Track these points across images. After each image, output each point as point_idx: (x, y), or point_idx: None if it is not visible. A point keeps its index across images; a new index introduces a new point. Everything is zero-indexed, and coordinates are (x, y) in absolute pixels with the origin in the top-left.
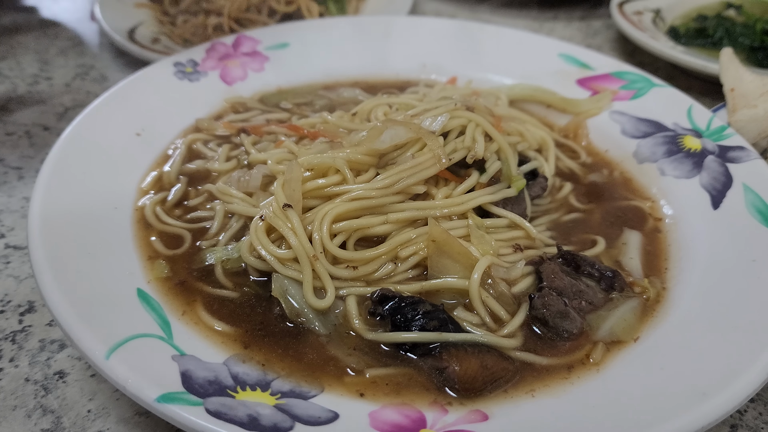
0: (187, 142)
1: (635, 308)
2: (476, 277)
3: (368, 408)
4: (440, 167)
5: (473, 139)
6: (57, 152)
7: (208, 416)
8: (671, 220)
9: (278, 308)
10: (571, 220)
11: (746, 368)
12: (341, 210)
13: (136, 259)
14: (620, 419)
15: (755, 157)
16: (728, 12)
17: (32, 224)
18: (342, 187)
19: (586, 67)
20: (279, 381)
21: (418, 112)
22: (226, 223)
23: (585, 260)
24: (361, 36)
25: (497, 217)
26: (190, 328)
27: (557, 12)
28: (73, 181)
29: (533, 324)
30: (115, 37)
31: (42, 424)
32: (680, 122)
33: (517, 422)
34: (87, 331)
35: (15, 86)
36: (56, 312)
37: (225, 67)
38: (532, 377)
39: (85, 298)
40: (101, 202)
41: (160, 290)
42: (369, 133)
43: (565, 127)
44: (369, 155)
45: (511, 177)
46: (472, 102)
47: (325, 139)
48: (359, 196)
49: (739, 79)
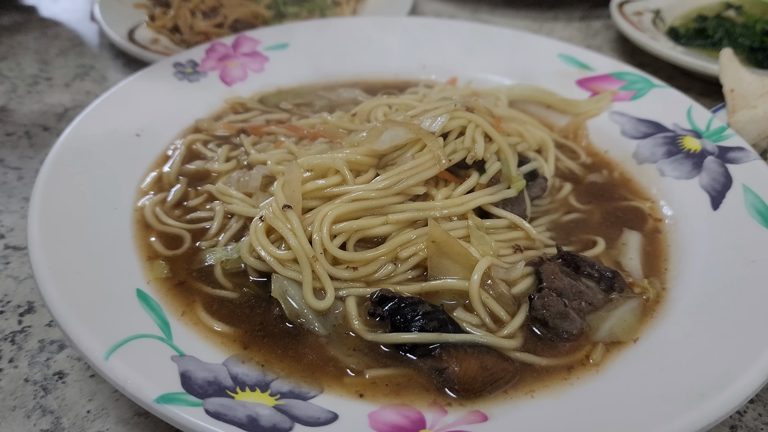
0: (187, 143)
1: (635, 309)
2: (476, 278)
3: (368, 409)
4: (440, 168)
5: (473, 140)
6: (57, 153)
7: (208, 417)
8: (671, 220)
9: (278, 309)
10: (571, 220)
11: (745, 369)
12: (341, 211)
13: (135, 260)
14: (620, 420)
15: (755, 158)
16: (728, 13)
17: (32, 225)
18: (342, 188)
19: (585, 67)
20: (278, 382)
21: (418, 113)
22: (225, 223)
23: (585, 261)
24: (360, 36)
25: (497, 218)
26: (189, 329)
27: (557, 12)
28: (72, 181)
29: (533, 325)
30: (114, 38)
31: (41, 424)
32: (680, 123)
33: (516, 423)
34: (86, 331)
35: (15, 86)
36: (56, 312)
37: (225, 68)
38: (532, 378)
39: (84, 299)
40: (101, 202)
41: (159, 291)
42: (369, 133)
43: (565, 127)
44: (369, 156)
45: (510, 178)
46: (472, 102)
47: (325, 140)
48: (359, 197)
49: (739, 80)
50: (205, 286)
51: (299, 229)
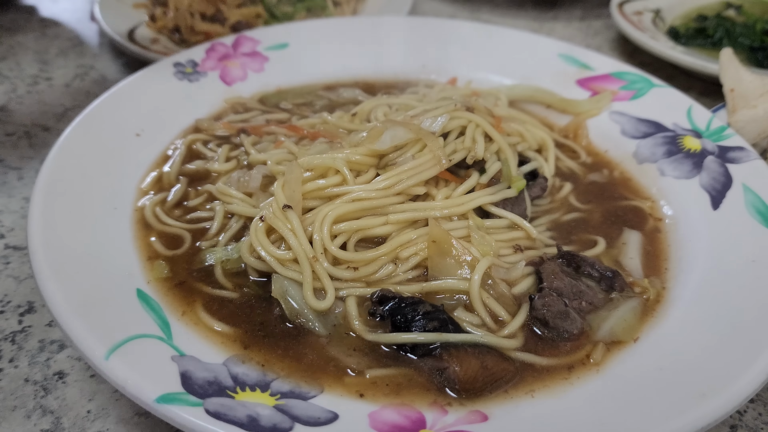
0: (187, 143)
1: (635, 308)
2: (477, 278)
3: (368, 408)
4: (441, 168)
5: (473, 140)
6: (57, 153)
7: (208, 417)
8: (671, 220)
9: (278, 309)
10: (571, 220)
11: (746, 369)
12: (341, 211)
13: (135, 260)
14: (620, 420)
15: (755, 158)
16: (728, 12)
17: (32, 225)
18: (342, 188)
19: (585, 67)
20: (279, 381)
21: (418, 113)
22: (225, 223)
23: (585, 261)
24: (360, 36)
25: (497, 218)
26: (189, 329)
27: (557, 12)
28: (72, 181)
29: (533, 325)
30: (114, 38)
31: (41, 424)
32: (680, 122)
33: (516, 423)
34: (87, 331)
35: (15, 86)
36: (56, 312)
37: (225, 68)
38: (532, 378)
39: (84, 299)
40: (101, 202)
41: (159, 291)
42: (369, 133)
43: (565, 127)
44: (369, 156)
45: (511, 177)
46: (472, 102)
47: (325, 140)
48: (359, 197)
49: (739, 80)
50: (206, 286)
51: (299, 229)
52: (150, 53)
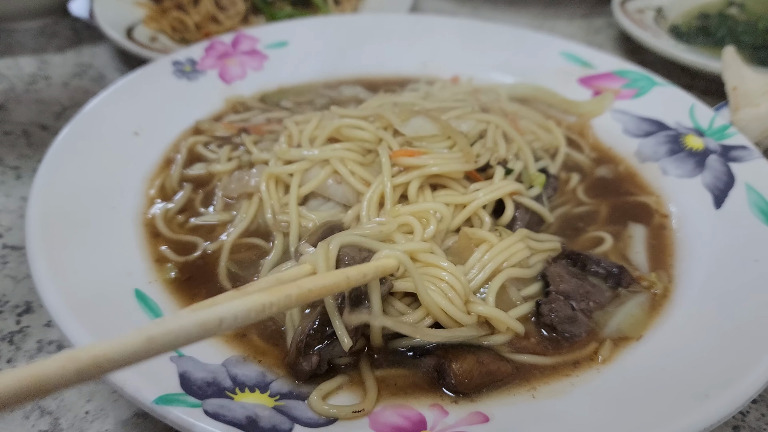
0: (189, 146)
1: (642, 303)
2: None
3: None
4: (472, 167)
5: (494, 141)
6: (55, 152)
7: (207, 418)
8: (673, 219)
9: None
10: (578, 213)
11: (749, 369)
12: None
13: (134, 260)
14: (622, 420)
15: (758, 157)
16: (731, 10)
17: (30, 224)
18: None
19: (587, 65)
20: (278, 382)
21: (449, 116)
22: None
23: (590, 258)
24: (361, 34)
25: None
26: None
27: (559, 10)
28: (70, 180)
29: (541, 328)
30: (113, 36)
31: (40, 425)
32: (682, 121)
33: (517, 423)
34: (85, 331)
35: (13, 85)
36: (54, 312)
37: (224, 66)
38: (533, 378)
39: (82, 299)
40: (99, 201)
41: (158, 291)
42: (400, 109)
43: (571, 127)
44: (383, 128)
45: (530, 176)
46: (486, 103)
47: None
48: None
49: (742, 78)
50: (206, 286)
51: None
52: (148, 51)
